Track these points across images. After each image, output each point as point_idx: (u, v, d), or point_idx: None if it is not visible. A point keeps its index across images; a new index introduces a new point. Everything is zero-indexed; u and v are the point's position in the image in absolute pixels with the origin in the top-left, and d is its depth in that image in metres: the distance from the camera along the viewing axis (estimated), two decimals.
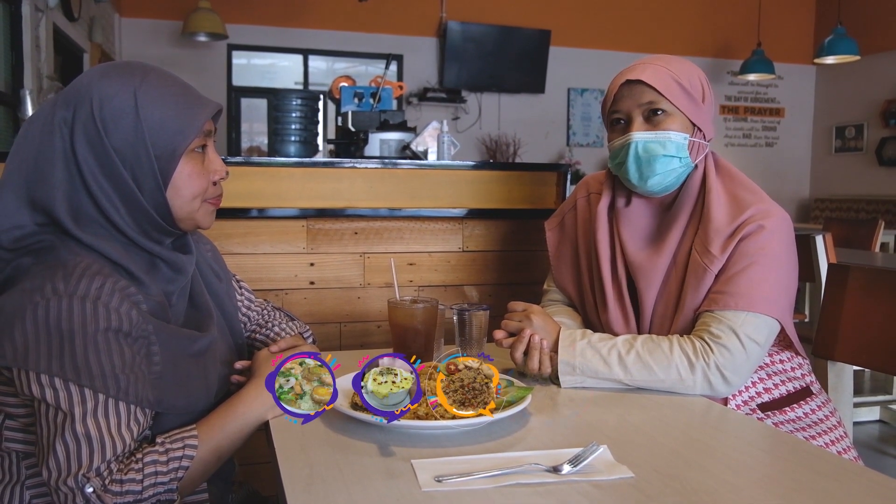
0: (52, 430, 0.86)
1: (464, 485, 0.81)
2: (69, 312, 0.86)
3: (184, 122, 0.97)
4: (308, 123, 2.52)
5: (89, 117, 0.94)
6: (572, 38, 7.00)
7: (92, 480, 0.84)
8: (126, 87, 0.95)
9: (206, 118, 1.00)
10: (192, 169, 1.00)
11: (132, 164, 0.95)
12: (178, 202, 1.00)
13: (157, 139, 0.96)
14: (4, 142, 3.64)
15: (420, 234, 1.97)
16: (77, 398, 0.86)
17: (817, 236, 2.92)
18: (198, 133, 0.99)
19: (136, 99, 0.95)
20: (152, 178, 0.97)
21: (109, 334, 0.88)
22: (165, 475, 0.89)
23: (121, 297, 0.90)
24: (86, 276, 0.89)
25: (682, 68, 1.29)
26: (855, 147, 7.42)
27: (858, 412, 3.35)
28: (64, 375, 0.85)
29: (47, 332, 0.86)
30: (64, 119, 0.95)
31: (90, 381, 0.86)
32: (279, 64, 6.75)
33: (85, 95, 0.95)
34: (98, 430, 0.86)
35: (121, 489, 0.85)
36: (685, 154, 1.28)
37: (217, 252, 1.26)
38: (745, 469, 0.89)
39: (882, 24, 6.98)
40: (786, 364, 1.36)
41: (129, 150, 0.95)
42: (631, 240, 1.35)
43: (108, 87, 0.95)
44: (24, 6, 3.92)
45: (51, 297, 0.86)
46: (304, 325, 1.34)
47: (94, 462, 0.85)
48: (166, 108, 0.96)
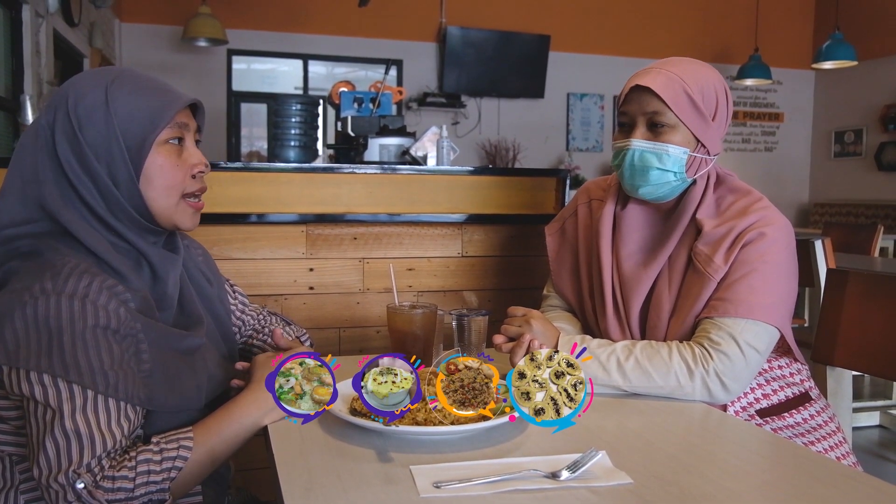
0: (41, 427, 0.86)
1: (462, 491, 0.81)
2: (57, 310, 0.88)
3: (154, 112, 0.99)
4: (308, 128, 2.53)
5: (66, 116, 0.98)
6: (572, 44, 7.02)
7: (83, 477, 0.84)
8: (98, 85, 0.99)
9: (176, 109, 1.01)
10: (164, 160, 1.01)
11: (105, 157, 0.98)
12: (153, 194, 1.01)
13: (127, 131, 0.98)
14: (5, 146, 3.64)
15: (419, 239, 1.97)
16: (66, 395, 0.87)
17: (816, 241, 2.92)
18: (168, 123, 1.00)
19: (107, 94, 0.98)
20: (125, 170, 0.99)
21: (98, 331, 0.89)
22: (158, 475, 0.89)
23: (109, 295, 0.91)
24: (73, 274, 0.90)
25: (699, 80, 1.26)
26: (854, 152, 7.43)
27: (858, 417, 3.35)
28: (53, 372, 0.86)
29: (36, 329, 0.87)
30: (47, 122, 1.00)
31: (79, 377, 0.87)
32: (279, 69, 6.76)
33: (63, 97, 0.99)
34: (87, 426, 0.86)
35: (112, 486, 0.85)
36: (681, 169, 1.27)
37: (209, 257, 1.26)
38: (743, 475, 0.89)
39: (880, 30, 7.00)
40: (784, 370, 1.36)
41: (101, 143, 0.98)
42: (624, 248, 1.35)
43: (82, 86, 1.00)
44: (24, 11, 3.93)
45: (39, 296, 0.88)
46: (300, 330, 1.35)
47: (84, 458, 0.85)
48: (136, 100, 0.99)
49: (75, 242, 0.97)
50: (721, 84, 1.29)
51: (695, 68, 1.28)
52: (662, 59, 1.31)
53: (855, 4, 7.11)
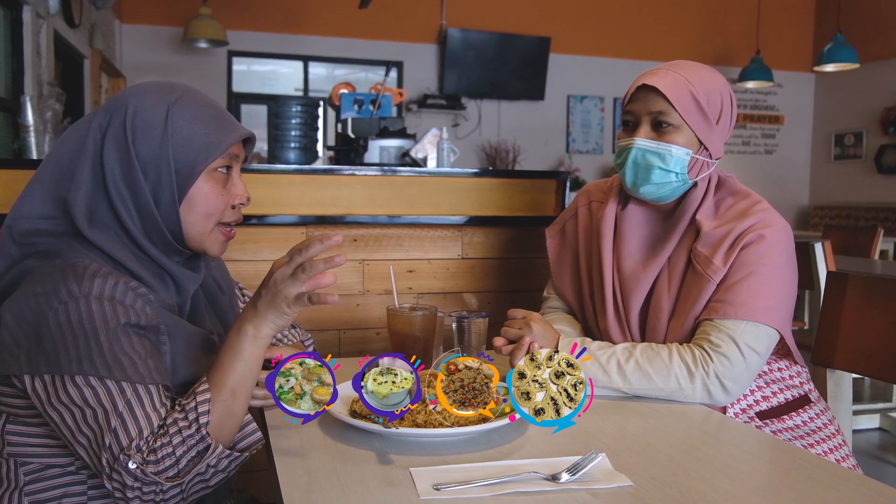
0: (98, 429, 0.87)
1: (462, 493, 0.81)
2: (89, 312, 0.89)
3: (210, 141, 1.00)
4: (308, 130, 2.53)
5: (121, 125, 0.98)
6: (572, 46, 7.02)
7: (133, 457, 0.85)
8: (161, 102, 0.99)
9: (232, 141, 1.02)
10: (210, 188, 1.02)
11: (153, 175, 0.99)
12: (191, 219, 1.02)
13: (180, 154, 0.99)
14: (4, 148, 3.63)
15: (419, 241, 1.97)
16: (116, 391, 0.88)
17: (816, 244, 2.92)
18: (222, 153, 1.01)
19: (168, 114, 0.99)
20: (169, 192, 0.99)
21: (129, 329, 0.91)
22: (189, 428, 0.89)
23: (134, 295, 0.93)
24: (98, 276, 0.91)
25: (705, 83, 1.27)
26: (854, 154, 7.43)
27: (858, 420, 3.35)
28: (97, 373, 0.87)
29: (73, 334, 0.88)
30: (100, 125, 1.00)
31: (122, 372, 0.88)
32: (279, 70, 6.77)
33: (122, 105, 0.99)
34: (132, 414, 0.88)
35: (157, 458, 0.86)
36: (683, 170, 1.27)
37: (221, 262, 1.27)
38: (743, 477, 0.89)
39: (881, 33, 7.00)
40: (784, 372, 1.36)
41: (152, 161, 0.98)
42: (625, 247, 1.36)
43: (144, 99, 1.00)
44: (25, 12, 3.93)
45: (68, 301, 0.89)
46: (304, 333, 1.35)
47: (133, 441, 0.86)
48: (195, 125, 1.00)
49: (95, 245, 0.97)
50: (727, 89, 1.31)
51: (702, 72, 1.29)
52: (670, 61, 1.32)
53: (856, 7, 7.12)
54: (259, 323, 0.93)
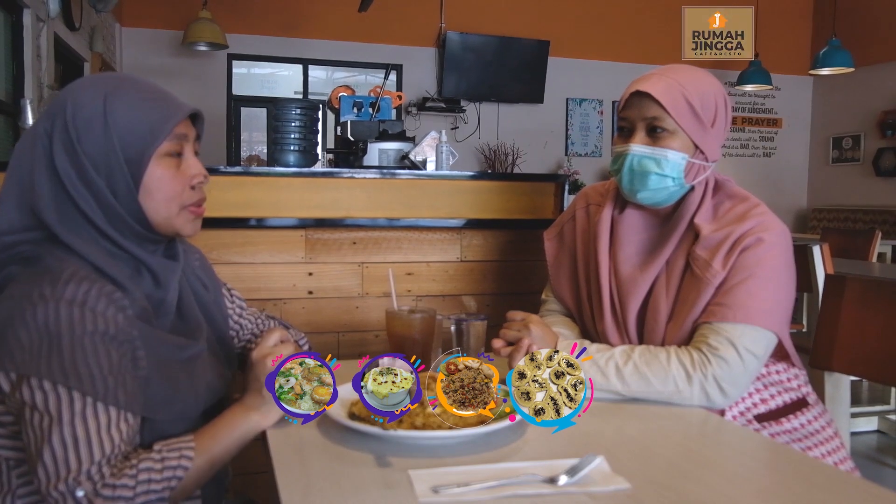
0: (40, 435, 0.86)
1: (461, 495, 0.81)
2: (56, 316, 0.88)
3: (153, 125, 0.98)
4: (307, 133, 2.53)
5: (63, 126, 0.97)
6: (571, 49, 7.03)
7: (83, 484, 0.84)
8: (97, 95, 0.98)
9: (176, 121, 1.00)
10: (163, 172, 1.01)
11: (104, 169, 0.97)
12: (152, 206, 1.01)
13: (125, 143, 0.97)
14: (4, 151, 3.64)
15: (418, 243, 1.97)
16: (66, 400, 0.87)
17: (814, 246, 2.93)
18: (168, 136, 1.00)
19: (106, 105, 0.97)
20: (124, 183, 0.98)
21: (96, 337, 0.89)
22: (159, 483, 0.89)
23: (107, 302, 0.91)
24: (72, 281, 0.90)
25: (698, 87, 1.27)
26: (852, 157, 7.44)
27: (856, 423, 3.35)
28: (52, 378, 0.86)
29: (38, 335, 0.87)
30: (45, 129, 0.98)
31: (78, 382, 0.87)
32: (279, 73, 6.78)
33: (62, 105, 0.98)
34: (86, 432, 0.86)
35: (112, 494, 0.85)
36: (680, 175, 1.28)
37: (205, 261, 1.25)
38: (741, 481, 0.89)
39: (877, 37, 7.02)
40: (782, 375, 1.36)
41: (100, 156, 0.97)
42: (622, 251, 1.36)
43: (81, 95, 0.98)
44: (25, 16, 3.93)
45: (38, 303, 0.88)
46: (299, 334, 1.34)
47: (83, 465, 0.85)
48: (135, 112, 0.98)
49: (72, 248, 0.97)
50: (721, 92, 1.30)
51: (695, 76, 1.29)
52: (663, 65, 1.32)
53: (852, 11, 7.13)
54: (267, 410, 1.01)
